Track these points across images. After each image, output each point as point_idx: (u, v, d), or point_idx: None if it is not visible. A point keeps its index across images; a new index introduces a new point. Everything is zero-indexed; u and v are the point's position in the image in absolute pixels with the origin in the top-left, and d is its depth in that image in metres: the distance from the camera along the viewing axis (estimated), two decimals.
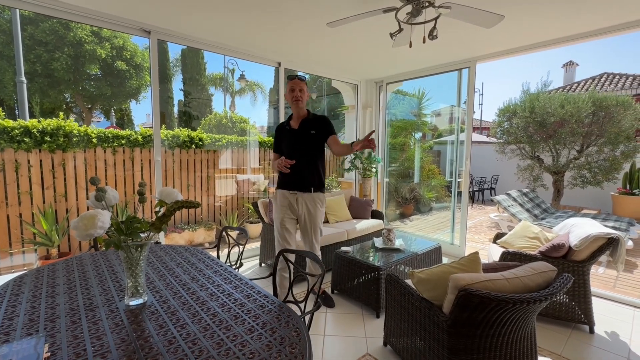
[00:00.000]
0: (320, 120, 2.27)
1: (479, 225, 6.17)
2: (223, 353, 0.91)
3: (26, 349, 0.88)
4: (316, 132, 2.21)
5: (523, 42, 3.06)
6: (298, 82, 2.19)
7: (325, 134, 2.24)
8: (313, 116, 2.28)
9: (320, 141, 2.24)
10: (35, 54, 7.81)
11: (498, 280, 1.40)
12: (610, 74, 10.77)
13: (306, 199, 2.25)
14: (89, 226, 0.99)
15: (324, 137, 2.24)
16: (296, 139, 2.24)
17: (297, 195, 2.26)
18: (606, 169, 5.84)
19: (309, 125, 2.23)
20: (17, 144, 3.16)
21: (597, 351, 2.05)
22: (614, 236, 2.16)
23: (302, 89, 2.19)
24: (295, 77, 2.20)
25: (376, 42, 3.15)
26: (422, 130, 7.42)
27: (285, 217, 2.30)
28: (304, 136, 2.21)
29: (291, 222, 2.33)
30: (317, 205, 2.28)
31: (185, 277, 1.48)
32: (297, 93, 2.17)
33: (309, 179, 2.24)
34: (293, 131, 2.26)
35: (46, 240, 3.08)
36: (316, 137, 2.22)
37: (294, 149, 2.23)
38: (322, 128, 2.24)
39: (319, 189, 2.28)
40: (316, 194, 2.27)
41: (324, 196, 2.34)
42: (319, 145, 2.26)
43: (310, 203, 2.26)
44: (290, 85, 2.20)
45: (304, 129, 2.23)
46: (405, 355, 1.82)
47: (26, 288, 1.34)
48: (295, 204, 2.28)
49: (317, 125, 2.23)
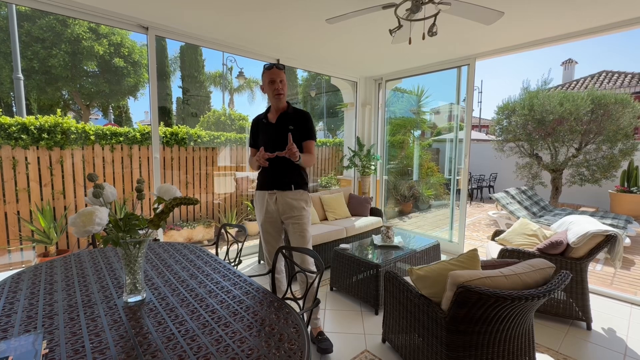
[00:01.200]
0: (301, 117, 2.02)
1: (477, 223, 6.18)
2: (222, 349, 0.91)
3: (24, 346, 0.87)
4: (295, 128, 1.96)
5: (522, 39, 3.05)
6: (278, 73, 1.93)
7: (302, 133, 1.99)
8: (293, 110, 2.04)
9: (299, 138, 1.98)
10: (33, 50, 7.76)
11: (496, 277, 1.40)
12: (609, 72, 10.78)
13: (287, 198, 1.98)
14: (87, 223, 0.99)
15: (300, 136, 1.98)
16: (274, 134, 1.99)
17: (276, 194, 2.00)
18: (604, 167, 5.85)
19: (288, 120, 2.00)
20: (15, 141, 3.14)
21: (594, 347, 2.06)
22: (611, 233, 2.17)
23: (283, 79, 1.95)
24: (274, 67, 1.94)
25: (375, 39, 3.14)
26: (421, 128, 7.41)
27: (266, 221, 2.06)
28: (282, 131, 1.95)
29: (273, 225, 2.07)
30: (300, 205, 2.00)
31: (184, 274, 1.48)
32: (277, 85, 1.92)
33: (289, 176, 1.99)
34: (270, 125, 2.03)
35: (44, 237, 3.07)
36: (294, 132, 1.94)
37: (271, 145, 1.96)
38: (301, 126, 2.00)
39: (301, 187, 2.02)
40: (298, 192, 2.00)
41: (308, 195, 2.06)
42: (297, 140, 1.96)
43: (292, 203, 1.98)
44: (270, 77, 1.93)
45: (282, 123, 1.99)
46: (404, 352, 1.83)
47: (24, 285, 1.34)
48: (274, 204, 2.01)
49: (297, 121, 2.00)
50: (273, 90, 1.94)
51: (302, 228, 2.01)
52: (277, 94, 1.94)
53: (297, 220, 2.00)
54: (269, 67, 1.95)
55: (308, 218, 2.04)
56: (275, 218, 2.05)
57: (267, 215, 2.05)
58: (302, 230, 2.01)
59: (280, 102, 1.99)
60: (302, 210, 2.00)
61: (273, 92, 1.94)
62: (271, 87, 1.94)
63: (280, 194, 1.99)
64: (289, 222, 2.01)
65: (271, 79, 1.93)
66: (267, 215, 2.05)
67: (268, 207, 2.03)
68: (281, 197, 1.99)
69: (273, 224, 2.07)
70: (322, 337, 2.05)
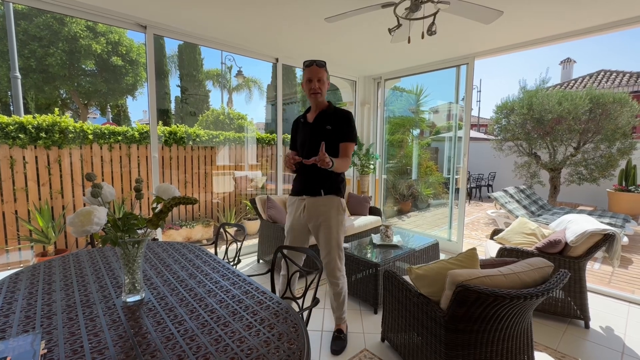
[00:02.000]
0: (341, 117, 1.88)
1: (476, 222, 6.20)
2: (221, 349, 0.91)
3: (22, 346, 0.87)
4: (332, 128, 1.85)
5: (521, 38, 3.05)
6: (316, 70, 1.81)
7: (339, 134, 1.86)
8: (333, 110, 1.91)
9: (335, 138, 1.86)
10: (30, 49, 7.72)
11: (495, 276, 1.41)
12: (608, 71, 10.81)
13: (316, 204, 1.86)
14: (85, 222, 0.98)
15: (338, 138, 1.86)
16: (309, 135, 1.88)
17: (305, 201, 1.90)
18: (602, 166, 5.87)
19: (326, 119, 1.87)
20: (12, 140, 3.12)
21: (592, 346, 2.07)
22: (610, 232, 2.17)
23: (321, 78, 1.83)
24: (313, 64, 1.82)
25: (374, 38, 3.13)
26: (420, 127, 7.42)
27: (293, 228, 1.96)
28: (319, 131, 1.85)
29: (300, 233, 1.96)
30: (330, 212, 1.86)
31: (183, 273, 1.48)
32: (314, 84, 1.82)
33: (320, 181, 1.86)
34: (307, 125, 1.93)
35: (42, 237, 3.06)
36: (332, 133, 1.84)
37: (306, 146, 1.87)
38: (339, 127, 1.86)
39: (332, 192, 1.87)
40: (328, 198, 1.86)
41: (340, 200, 1.89)
42: (334, 142, 1.85)
43: (320, 209, 1.86)
44: (307, 75, 1.83)
45: (319, 123, 1.88)
46: (403, 351, 1.83)
47: (22, 285, 1.33)
48: (303, 212, 1.90)
49: (335, 121, 1.87)
50: (309, 89, 1.84)
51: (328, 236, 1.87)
52: (313, 93, 1.84)
53: (324, 229, 1.88)
54: (308, 64, 1.84)
55: (337, 226, 1.89)
56: (303, 225, 1.94)
57: (294, 222, 1.97)
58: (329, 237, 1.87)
59: (318, 102, 1.89)
60: (330, 219, 1.86)
61: (309, 91, 1.85)
62: (308, 85, 1.85)
63: (309, 199, 1.89)
64: (315, 229, 1.91)
65: (308, 77, 1.84)
66: (294, 222, 1.97)
67: (296, 213, 1.95)
68: (310, 204, 1.89)
69: (300, 231, 1.97)
70: (339, 334, 2.04)
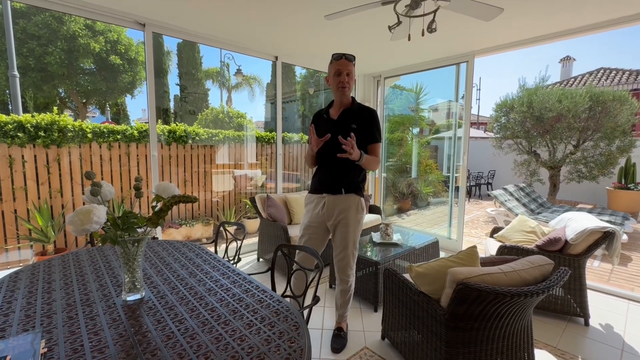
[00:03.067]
0: (367, 115, 1.84)
1: (475, 220, 6.20)
2: (222, 348, 0.91)
3: (23, 345, 0.87)
4: (358, 127, 1.80)
5: (522, 35, 3.04)
6: (346, 64, 1.76)
7: (367, 134, 1.82)
8: (358, 107, 1.88)
9: (362, 138, 1.81)
10: (28, 47, 7.69)
11: (496, 273, 1.41)
12: (607, 69, 10.80)
13: (336, 202, 1.84)
14: (85, 221, 0.98)
15: (364, 137, 1.82)
16: (333, 131, 1.78)
17: (325, 199, 1.86)
18: (602, 164, 5.88)
19: (351, 117, 1.83)
20: (11, 139, 3.11)
21: (592, 343, 2.07)
22: (609, 230, 2.17)
23: (350, 72, 1.78)
24: (343, 57, 1.77)
25: (374, 36, 3.12)
26: (420, 125, 7.41)
27: (310, 226, 1.92)
28: (343, 129, 1.79)
29: (317, 231, 1.92)
30: (349, 211, 1.83)
31: (183, 272, 1.47)
32: (343, 78, 1.76)
33: (341, 179, 1.84)
34: (331, 121, 1.87)
35: (42, 236, 3.05)
36: (357, 131, 1.79)
37: (330, 143, 1.80)
38: (366, 126, 1.82)
39: (353, 191, 1.85)
40: (349, 197, 1.83)
41: (360, 200, 1.87)
42: (360, 142, 1.80)
43: (340, 207, 1.83)
44: (336, 68, 1.77)
45: (344, 120, 1.83)
46: (403, 349, 1.84)
47: (22, 284, 1.33)
48: (322, 209, 1.87)
49: (361, 119, 1.83)
50: (337, 82, 1.79)
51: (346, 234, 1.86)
52: (342, 87, 1.79)
53: (342, 227, 1.86)
54: (337, 57, 1.79)
55: (355, 225, 1.87)
56: (321, 222, 1.91)
57: (312, 220, 1.93)
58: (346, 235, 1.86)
59: (344, 97, 1.84)
60: (349, 218, 1.84)
61: (337, 85, 1.79)
62: (336, 79, 1.79)
63: (329, 197, 1.86)
64: (335, 227, 1.89)
65: (337, 70, 1.78)
66: (312, 220, 1.93)
67: (315, 210, 1.91)
68: (330, 201, 1.86)
69: (318, 229, 1.92)
70: (339, 332, 2.05)
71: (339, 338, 2.03)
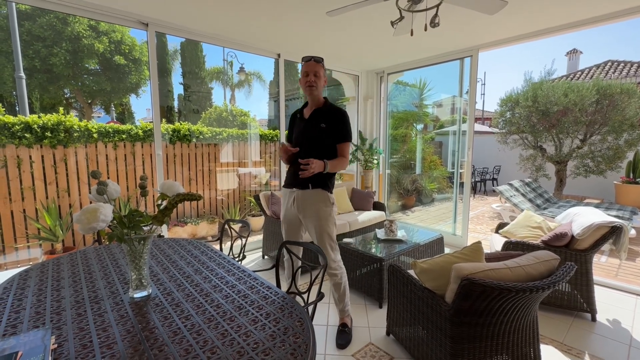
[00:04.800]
0: (336, 115, 1.94)
1: (480, 216, 6.17)
2: (227, 343, 0.92)
3: (33, 341, 0.89)
4: (327, 126, 1.91)
5: (526, 29, 3.00)
6: (313, 65, 1.89)
7: (335, 134, 1.93)
8: (329, 107, 1.97)
9: (331, 138, 1.93)
10: (34, 49, 7.77)
11: (501, 269, 1.40)
12: (615, 62, 10.61)
13: (305, 197, 1.95)
14: (92, 219, 0.99)
15: (333, 137, 1.93)
16: (304, 130, 1.96)
17: (295, 193, 1.98)
18: (609, 158, 5.79)
19: (321, 117, 1.93)
20: (19, 139, 3.16)
21: (598, 338, 2.06)
22: (617, 224, 2.15)
23: (318, 72, 1.89)
24: (311, 59, 1.89)
25: (377, 31, 3.10)
26: (424, 121, 7.37)
27: (286, 218, 2.08)
28: (312, 128, 1.93)
29: (292, 223, 2.07)
30: (317, 205, 1.94)
31: (189, 269, 1.49)
32: (310, 78, 1.88)
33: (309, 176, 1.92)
34: (303, 120, 2.00)
35: (50, 235, 3.10)
36: (326, 131, 1.91)
37: (300, 141, 1.95)
38: (335, 126, 1.92)
39: (319, 186, 1.94)
40: (316, 192, 1.94)
41: (327, 195, 1.97)
42: (329, 141, 1.93)
43: (308, 201, 1.94)
44: (304, 69, 1.90)
45: (314, 120, 1.94)
46: (408, 344, 1.84)
47: (32, 282, 1.35)
48: (293, 204, 1.99)
49: (330, 119, 1.92)
50: (305, 82, 1.91)
51: (318, 227, 1.96)
52: (308, 86, 1.90)
53: (313, 220, 1.96)
54: (306, 59, 1.92)
55: (326, 218, 1.97)
56: (294, 215, 2.04)
57: (286, 213, 2.07)
58: (318, 228, 1.96)
59: (313, 96, 1.95)
60: (318, 211, 1.94)
61: (305, 85, 1.91)
62: (304, 79, 1.92)
63: (298, 192, 1.98)
64: (306, 220, 2.00)
65: (305, 71, 1.91)
66: (286, 213, 2.07)
67: (288, 204, 2.05)
68: (299, 196, 1.98)
69: (292, 222, 2.07)
70: (343, 328, 2.09)
71: (344, 334, 2.05)
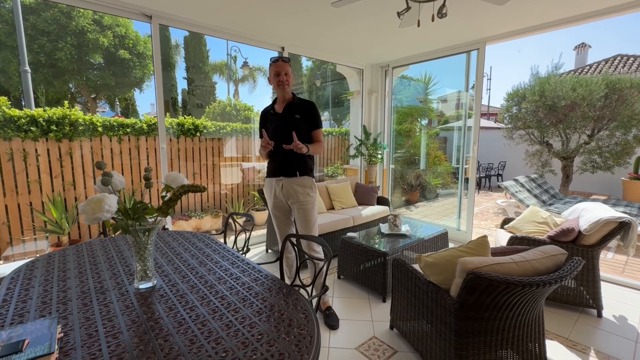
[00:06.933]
0: (307, 107, 2.14)
1: (485, 212, 6.13)
2: (232, 334, 0.92)
3: (40, 330, 0.89)
4: (301, 117, 2.10)
5: (534, 21, 2.94)
6: (283, 65, 2.06)
7: (309, 123, 2.12)
8: (299, 100, 2.15)
9: (306, 127, 2.12)
10: (39, 43, 7.79)
11: (507, 263, 1.39)
12: (625, 56, 10.41)
13: (292, 184, 2.09)
14: (97, 210, 0.99)
15: (308, 126, 2.12)
16: (280, 124, 2.11)
17: (282, 181, 2.12)
18: (617, 154, 5.71)
19: (294, 109, 2.12)
20: (24, 133, 3.17)
21: (604, 334, 2.04)
22: (626, 220, 2.12)
23: (287, 72, 2.07)
24: (279, 60, 2.07)
25: (382, 23, 3.06)
26: (429, 116, 7.30)
27: (275, 207, 2.20)
28: (289, 120, 2.09)
29: (282, 210, 2.21)
30: (305, 191, 2.11)
31: (193, 261, 1.49)
32: (282, 77, 2.06)
33: (294, 164, 2.10)
34: (277, 115, 2.15)
35: (56, 227, 3.13)
36: (301, 121, 2.10)
37: (278, 134, 2.08)
38: (308, 116, 2.12)
39: (306, 173, 2.12)
40: (303, 179, 2.11)
41: (312, 181, 2.16)
42: (305, 130, 2.11)
43: (297, 189, 2.09)
44: (275, 69, 2.07)
45: (288, 113, 2.11)
46: (412, 338, 1.84)
47: (38, 272, 1.36)
48: (281, 190, 2.13)
49: (303, 111, 2.12)
50: (277, 81, 2.07)
51: (306, 213, 2.12)
52: (281, 85, 2.07)
53: (302, 206, 2.11)
54: (275, 60, 2.09)
55: (313, 203, 2.15)
56: (283, 203, 2.17)
57: (275, 201, 2.19)
58: (307, 215, 2.12)
59: (284, 93, 2.11)
60: (306, 196, 2.12)
61: (277, 83, 2.08)
62: (276, 78, 2.07)
63: (286, 180, 2.11)
64: (295, 206, 2.13)
65: (276, 71, 2.06)
66: (275, 201, 2.19)
67: (276, 192, 2.16)
68: (287, 183, 2.11)
69: (281, 209, 2.21)
70: (330, 311, 2.23)
71: (332, 316, 2.19)
